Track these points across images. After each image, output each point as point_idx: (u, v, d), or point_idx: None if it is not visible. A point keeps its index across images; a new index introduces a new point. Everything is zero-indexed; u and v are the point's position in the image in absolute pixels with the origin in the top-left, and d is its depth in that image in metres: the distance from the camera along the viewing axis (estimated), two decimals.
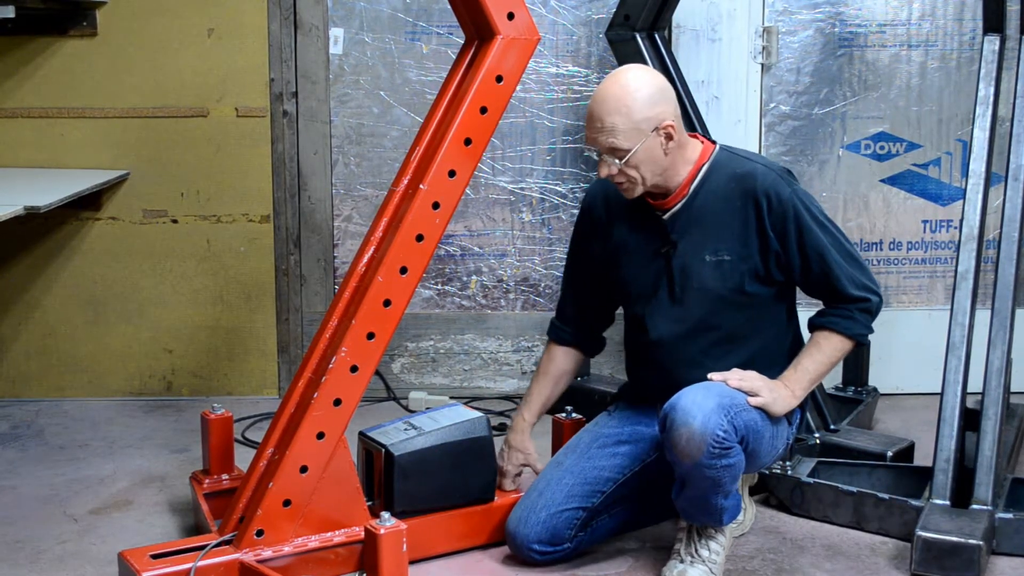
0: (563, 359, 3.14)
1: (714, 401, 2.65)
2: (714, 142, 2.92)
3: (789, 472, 3.20)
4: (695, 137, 2.92)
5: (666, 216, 2.88)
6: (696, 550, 2.80)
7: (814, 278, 2.83)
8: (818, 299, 2.89)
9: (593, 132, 2.77)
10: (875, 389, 3.99)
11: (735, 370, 2.78)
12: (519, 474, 3.10)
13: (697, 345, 2.87)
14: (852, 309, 2.82)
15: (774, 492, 3.23)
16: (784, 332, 2.94)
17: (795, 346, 2.93)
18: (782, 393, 2.78)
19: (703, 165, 2.86)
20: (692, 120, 3.80)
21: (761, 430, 2.74)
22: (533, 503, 2.90)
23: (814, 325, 2.87)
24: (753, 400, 2.73)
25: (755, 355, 2.85)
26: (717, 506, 2.74)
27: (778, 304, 2.90)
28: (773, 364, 2.85)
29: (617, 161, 2.75)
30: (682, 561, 2.80)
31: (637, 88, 2.75)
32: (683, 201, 2.86)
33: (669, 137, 2.76)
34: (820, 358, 2.82)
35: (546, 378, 3.13)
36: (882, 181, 4.19)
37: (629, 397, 3.09)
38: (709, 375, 2.76)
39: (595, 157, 2.84)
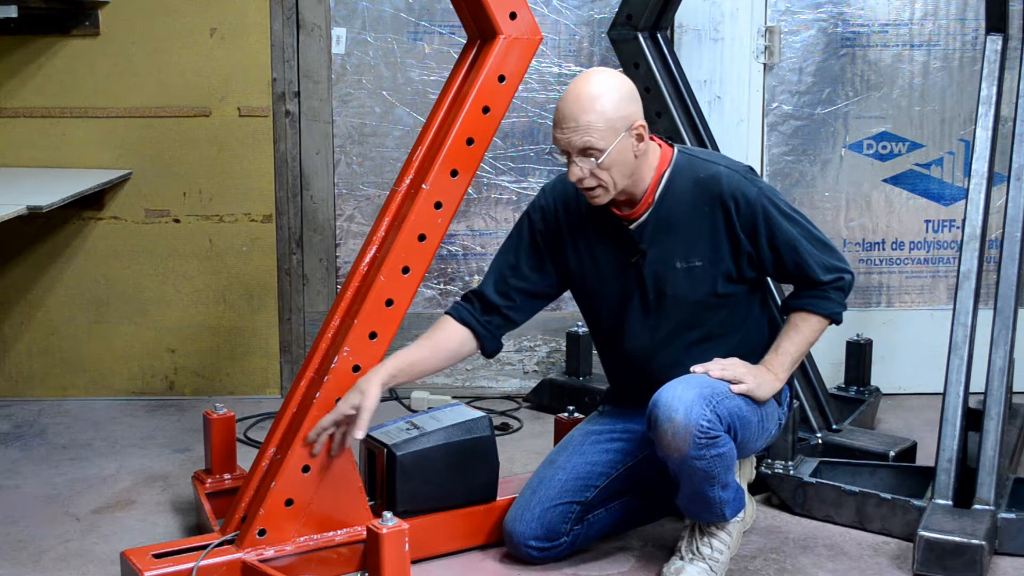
0: (454, 336, 2.92)
1: (695, 392, 2.65)
2: (671, 145, 2.89)
3: (791, 472, 3.20)
4: (652, 139, 2.85)
5: (633, 226, 2.85)
6: (697, 548, 2.80)
7: (788, 270, 2.83)
8: (791, 284, 2.90)
9: (566, 132, 2.69)
10: (877, 389, 3.99)
11: (716, 360, 2.78)
12: (342, 422, 2.74)
13: (676, 348, 2.87)
14: (827, 289, 2.82)
15: (776, 492, 3.23)
16: (760, 321, 2.93)
17: (773, 331, 2.93)
18: (766, 378, 2.79)
19: (665, 171, 2.82)
20: (695, 120, 3.80)
21: (747, 416, 2.74)
22: (527, 500, 2.91)
23: (790, 307, 2.87)
24: (737, 388, 2.73)
25: (735, 349, 2.85)
26: (716, 499, 2.75)
27: (752, 296, 2.90)
28: (754, 353, 2.86)
29: (593, 161, 2.70)
30: (682, 558, 2.80)
31: (612, 87, 2.71)
32: (649, 210, 2.83)
33: (640, 138, 2.74)
34: (799, 339, 2.82)
35: (424, 342, 2.90)
36: (884, 181, 4.19)
37: (617, 400, 3.09)
38: (692, 368, 2.76)
39: (561, 160, 2.78)
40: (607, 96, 2.69)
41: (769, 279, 3.21)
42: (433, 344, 2.91)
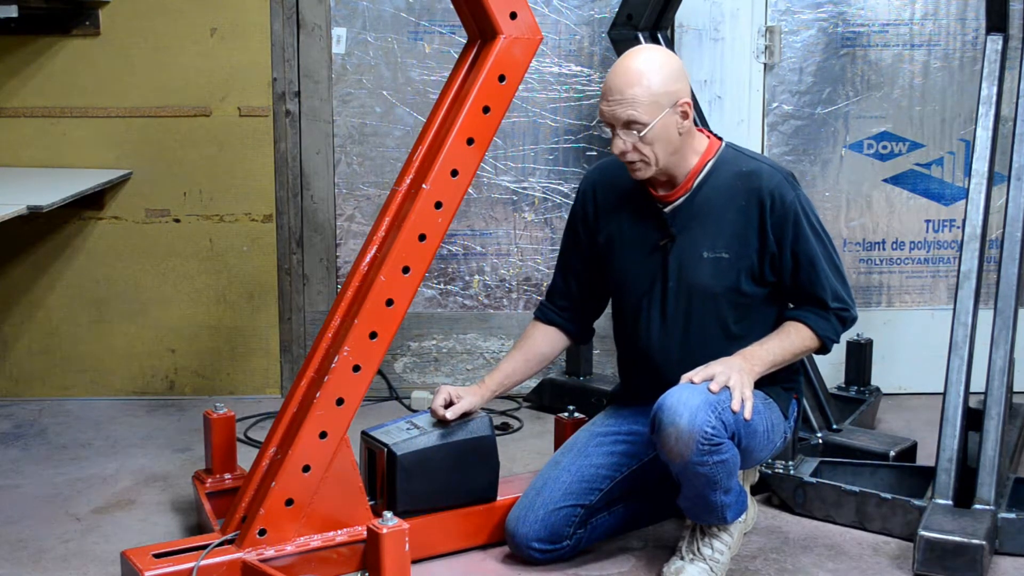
0: (541, 339, 3.08)
1: (700, 398, 2.64)
2: (720, 139, 2.92)
3: (792, 472, 3.20)
4: (702, 132, 2.92)
5: (668, 209, 2.87)
6: (698, 548, 2.80)
7: (801, 284, 2.83)
8: (796, 304, 2.90)
9: (611, 104, 2.74)
10: (878, 389, 3.99)
11: (695, 370, 2.74)
12: (448, 404, 2.95)
13: (688, 343, 2.87)
14: (830, 313, 2.83)
15: (777, 492, 3.23)
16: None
17: None
18: (742, 367, 2.72)
19: (709, 160, 2.86)
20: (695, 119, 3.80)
21: (754, 425, 2.73)
22: (531, 501, 2.91)
23: (788, 316, 2.87)
24: (714, 386, 2.67)
25: None
26: (718, 503, 2.74)
27: (770, 307, 2.89)
28: None
29: (635, 134, 2.74)
30: (682, 558, 2.80)
31: (660, 64, 2.75)
32: (687, 195, 2.85)
33: (685, 115, 2.76)
34: (787, 345, 2.81)
35: (517, 353, 3.08)
36: (885, 181, 4.19)
37: (624, 398, 3.09)
38: (682, 377, 2.72)
39: (606, 135, 2.81)
40: (654, 71, 2.73)
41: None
42: (522, 352, 3.08)
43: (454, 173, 2.81)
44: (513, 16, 2.82)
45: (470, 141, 2.82)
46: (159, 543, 2.83)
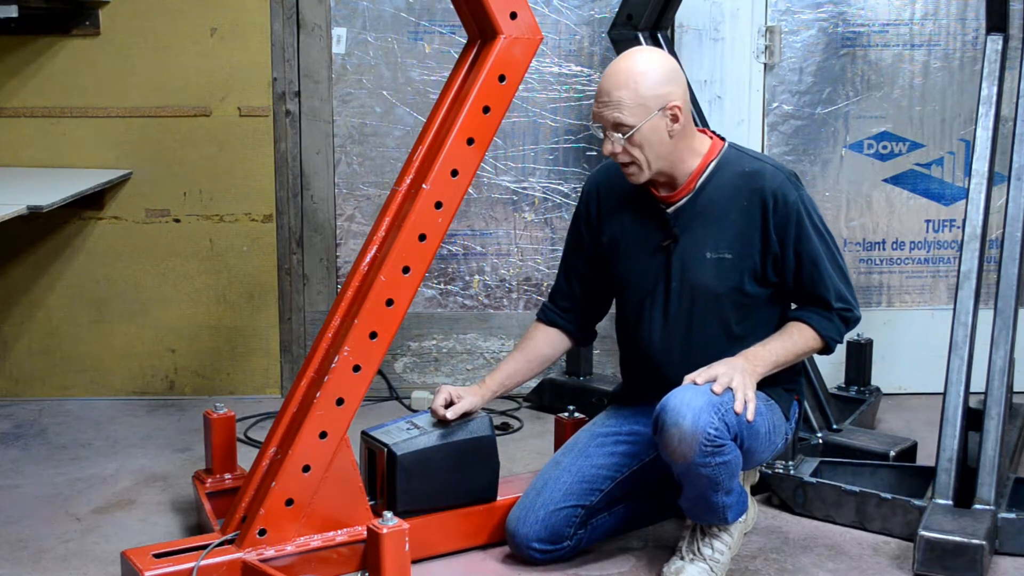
0: (543, 340, 3.09)
1: (704, 399, 2.64)
2: (723, 139, 2.92)
3: (792, 472, 3.20)
4: (704, 132, 2.91)
5: (671, 210, 2.87)
6: (698, 548, 2.80)
7: (803, 284, 2.83)
8: (800, 303, 2.90)
9: (600, 106, 2.76)
10: (878, 389, 3.99)
11: (697, 371, 2.74)
12: (448, 404, 2.95)
13: (690, 344, 2.87)
14: (833, 314, 2.83)
15: (777, 492, 3.23)
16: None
17: None
18: (745, 368, 2.72)
19: (711, 161, 2.85)
20: (695, 120, 3.80)
21: (756, 426, 2.73)
22: (532, 502, 2.91)
23: (791, 317, 2.87)
24: (717, 387, 2.67)
25: None
26: (719, 504, 2.75)
27: (772, 307, 2.89)
28: None
29: (620, 137, 2.75)
30: (682, 558, 2.80)
31: (649, 66, 2.75)
32: (689, 196, 2.85)
33: (675, 119, 2.76)
34: (789, 345, 2.81)
35: (518, 353, 3.09)
36: (885, 181, 4.19)
37: (626, 397, 3.09)
38: (685, 378, 2.72)
39: (600, 135, 2.82)
40: (643, 74, 2.73)
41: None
42: (524, 353, 3.08)
43: (454, 173, 2.81)
44: (513, 16, 2.82)
45: (470, 141, 2.82)
46: (159, 543, 2.84)
